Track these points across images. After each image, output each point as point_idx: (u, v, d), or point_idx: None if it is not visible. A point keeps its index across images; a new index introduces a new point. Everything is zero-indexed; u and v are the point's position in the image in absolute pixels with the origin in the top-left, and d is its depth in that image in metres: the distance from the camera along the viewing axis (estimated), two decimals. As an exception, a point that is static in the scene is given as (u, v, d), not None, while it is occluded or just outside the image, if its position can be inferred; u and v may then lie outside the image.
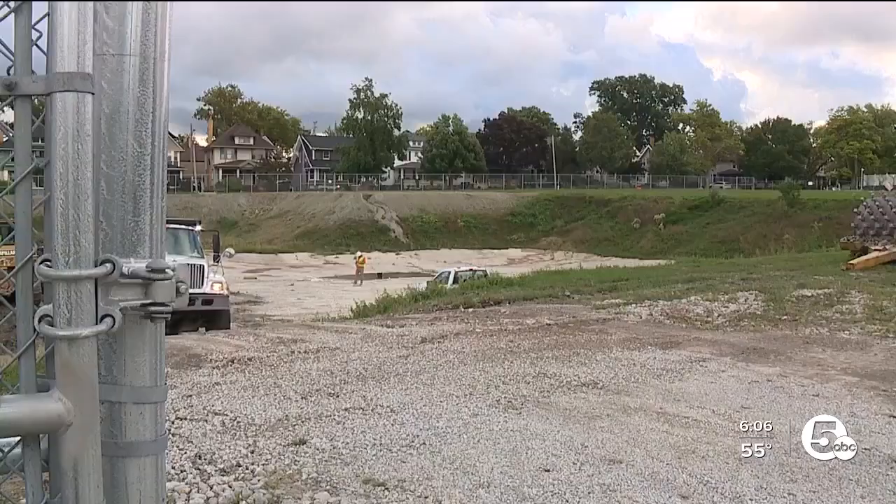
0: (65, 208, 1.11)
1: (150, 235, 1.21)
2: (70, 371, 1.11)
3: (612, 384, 5.92)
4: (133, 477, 1.21)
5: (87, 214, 1.12)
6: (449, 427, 4.74)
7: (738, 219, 53.04)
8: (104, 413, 1.18)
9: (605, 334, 8.33)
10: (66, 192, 1.11)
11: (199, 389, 5.86)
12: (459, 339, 8.05)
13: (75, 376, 1.12)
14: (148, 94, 1.21)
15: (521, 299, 12.05)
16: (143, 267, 1.17)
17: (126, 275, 1.15)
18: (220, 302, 14.00)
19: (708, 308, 10.00)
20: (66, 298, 1.11)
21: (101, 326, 1.12)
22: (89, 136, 1.13)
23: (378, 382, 6.03)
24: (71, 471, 1.13)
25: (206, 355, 7.39)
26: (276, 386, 5.96)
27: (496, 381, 6.03)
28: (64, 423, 1.11)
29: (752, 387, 5.81)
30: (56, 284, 1.11)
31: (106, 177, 1.19)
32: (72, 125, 1.11)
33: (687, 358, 6.92)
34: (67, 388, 1.11)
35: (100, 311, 1.14)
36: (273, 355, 7.35)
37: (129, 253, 1.19)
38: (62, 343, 1.11)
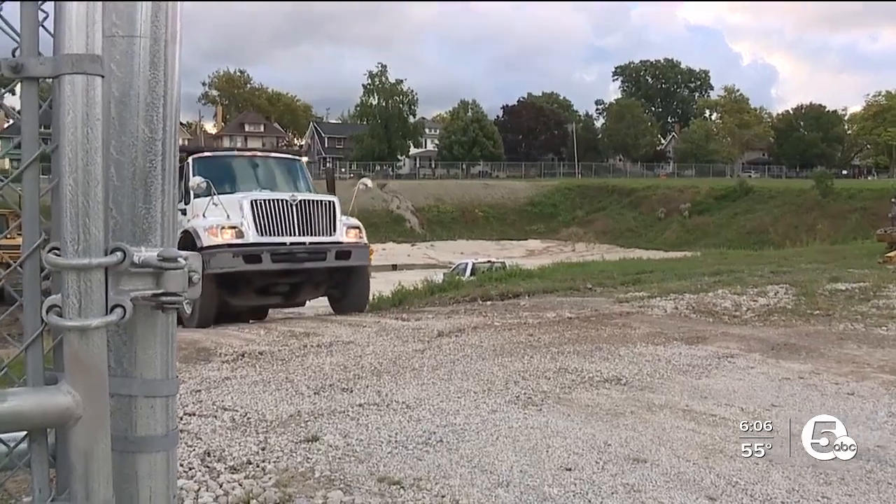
0: (74, 195, 1.11)
1: (161, 223, 1.21)
2: (79, 363, 1.12)
3: (635, 380, 5.89)
4: (144, 472, 1.22)
5: (97, 201, 1.12)
6: (467, 424, 4.74)
7: (767, 209, 52.55)
8: (114, 406, 1.19)
9: (628, 328, 8.29)
10: (75, 178, 1.11)
11: (208, 384, 5.89)
12: (477, 333, 8.04)
13: (85, 368, 1.12)
14: (159, 77, 1.21)
15: (540, 292, 12.01)
16: (155, 256, 1.17)
17: (137, 264, 1.16)
18: (358, 255, 10.98)
19: (736, 302, 9.91)
20: (75, 288, 1.11)
21: (112, 317, 1.13)
22: (99, 120, 1.13)
23: (393, 377, 6.05)
24: (80, 466, 1.13)
25: (216, 349, 7.44)
26: (287, 381, 5.99)
27: (515, 376, 6.02)
28: (73, 416, 1.12)
29: (783, 384, 5.75)
30: (65, 273, 1.11)
31: (116, 163, 1.20)
32: (81, 109, 1.11)
33: (714, 353, 6.87)
34: (76, 381, 1.12)
35: (110, 301, 1.14)
36: (284, 349, 7.38)
37: (140, 241, 1.19)
38: (71, 334, 1.11)
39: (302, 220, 10.47)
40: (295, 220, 10.42)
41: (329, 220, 10.73)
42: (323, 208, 10.72)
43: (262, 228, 10.28)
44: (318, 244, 10.59)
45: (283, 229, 10.35)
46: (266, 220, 10.29)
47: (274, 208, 10.35)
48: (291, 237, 10.39)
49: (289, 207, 10.47)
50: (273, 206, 10.36)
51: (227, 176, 11.51)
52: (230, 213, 10.23)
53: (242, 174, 11.86)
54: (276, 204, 10.41)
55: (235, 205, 10.32)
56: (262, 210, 10.32)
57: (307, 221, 10.51)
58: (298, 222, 10.44)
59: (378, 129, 77.22)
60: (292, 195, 10.63)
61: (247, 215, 10.23)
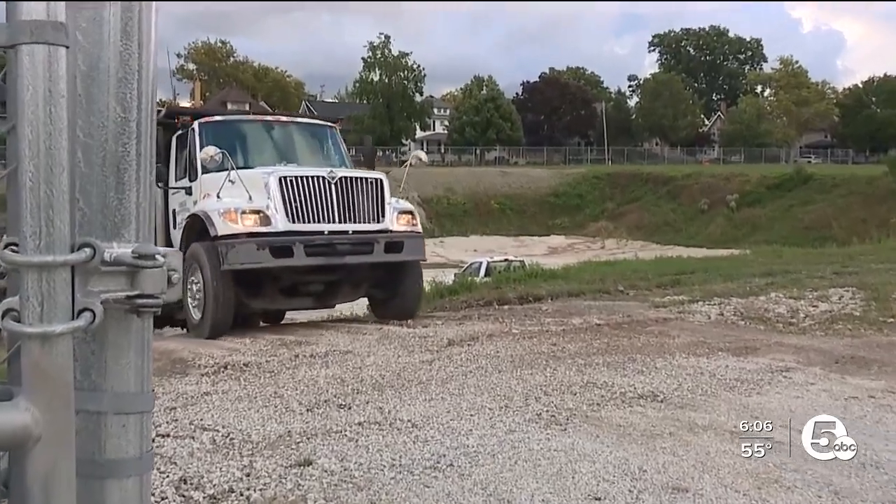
0: (35, 182, 1.10)
1: (136, 215, 1.21)
2: (40, 375, 1.11)
3: (674, 396, 5.87)
4: (113, 501, 1.22)
5: (62, 190, 1.12)
6: (481, 445, 4.74)
7: (829, 199, 52.23)
8: (79, 425, 1.18)
9: (666, 337, 8.26)
10: (36, 163, 1.10)
11: (185, 401, 5.91)
12: (493, 342, 8.04)
13: (46, 381, 1.12)
14: (132, 48, 1.21)
15: (565, 295, 11.98)
16: (129, 252, 1.17)
17: (108, 261, 1.16)
18: (412, 247, 10.04)
19: (792, 307, 9.86)
20: (36, 289, 1.11)
21: (79, 322, 1.12)
22: (63, 97, 1.12)
23: (397, 392, 6.05)
24: (39, 494, 1.12)
25: (194, 360, 7.47)
26: (276, 396, 6.01)
27: (536, 391, 6.01)
28: (31, 436, 1.11)
29: (850, 404, 5.71)
30: (25, 273, 1.11)
31: (83, 146, 1.19)
32: (42, 84, 1.10)
33: (766, 367, 6.84)
34: (37, 395, 1.11)
35: (77, 305, 1.14)
36: (273, 360, 7.40)
37: (112, 236, 1.19)
38: (32, 342, 1.11)
39: (343, 202, 9.50)
40: (334, 202, 9.44)
41: (376, 203, 9.74)
42: (368, 188, 9.70)
43: (294, 213, 9.29)
44: (364, 233, 9.63)
45: (319, 214, 9.38)
46: (298, 202, 9.31)
47: (308, 188, 9.36)
48: (330, 224, 9.41)
49: (327, 187, 9.44)
50: (307, 186, 9.36)
51: (243, 146, 10.83)
52: (252, 194, 9.28)
53: (261, 144, 11.13)
54: (311, 182, 9.39)
55: (259, 183, 9.38)
56: (293, 190, 9.33)
57: (349, 205, 9.54)
58: (339, 206, 9.46)
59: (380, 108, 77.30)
60: (330, 171, 9.62)
61: (274, 196, 9.26)
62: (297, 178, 9.39)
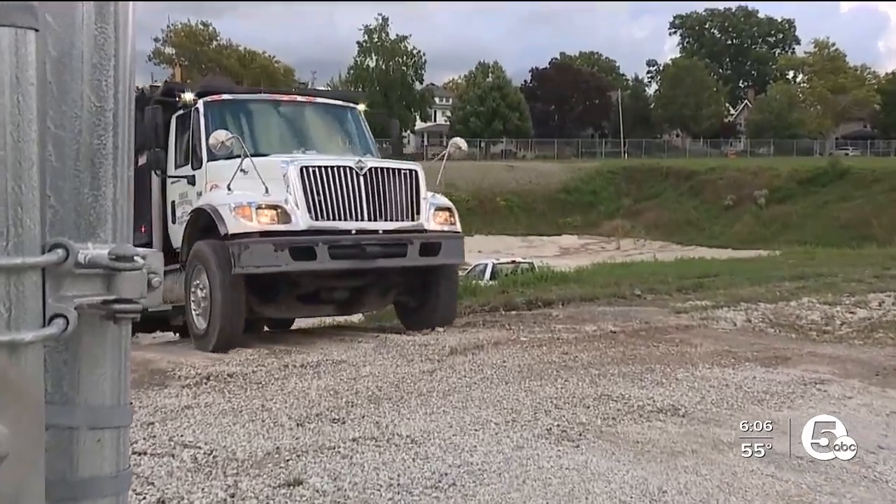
0: (1, 178, 1.10)
1: (112, 213, 1.21)
2: (8, 387, 1.11)
3: (697, 411, 5.86)
4: (88, 523, 1.21)
5: (32, 186, 1.12)
6: (486, 463, 4.74)
7: (868, 196, 52.20)
8: (50, 441, 1.18)
9: (687, 346, 8.26)
10: (2, 157, 1.10)
11: (163, 415, 5.91)
12: (499, 350, 8.04)
13: (14, 393, 1.12)
14: (108, 32, 1.21)
15: (577, 300, 11.98)
16: (105, 253, 1.17)
17: (83, 263, 1.16)
18: (450, 249, 9.73)
19: (827, 314, 9.86)
20: (3, 294, 1.10)
21: (51, 329, 1.12)
22: (32, 85, 1.12)
23: (395, 405, 6.05)
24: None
25: (174, 371, 7.47)
26: (264, 409, 6.01)
27: (546, 404, 6.01)
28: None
29: (892, 420, 5.69)
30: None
31: (55, 138, 1.19)
32: (9, 71, 1.10)
33: (798, 379, 6.83)
34: (3, 409, 1.11)
35: (48, 310, 1.14)
36: (260, 370, 7.41)
37: (87, 236, 1.19)
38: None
39: (373, 197, 9.13)
40: (363, 197, 9.07)
41: (410, 199, 9.39)
42: (402, 181, 9.36)
43: (317, 209, 8.91)
44: (396, 233, 9.30)
45: (346, 211, 9.01)
46: (322, 196, 8.93)
47: (333, 180, 8.99)
48: (358, 222, 9.06)
49: (354, 179, 9.05)
50: (332, 177, 8.99)
51: (254, 129, 10.44)
52: (269, 186, 8.86)
53: (276, 127, 10.77)
54: (337, 173, 9.03)
55: (277, 173, 8.99)
56: (316, 182, 8.93)
57: (380, 200, 9.18)
58: (368, 201, 9.10)
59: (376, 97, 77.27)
60: (358, 161, 9.21)
61: (295, 189, 8.86)
62: (321, 169, 9.00)
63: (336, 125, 11.27)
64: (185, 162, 10.27)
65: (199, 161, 9.92)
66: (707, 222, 56.86)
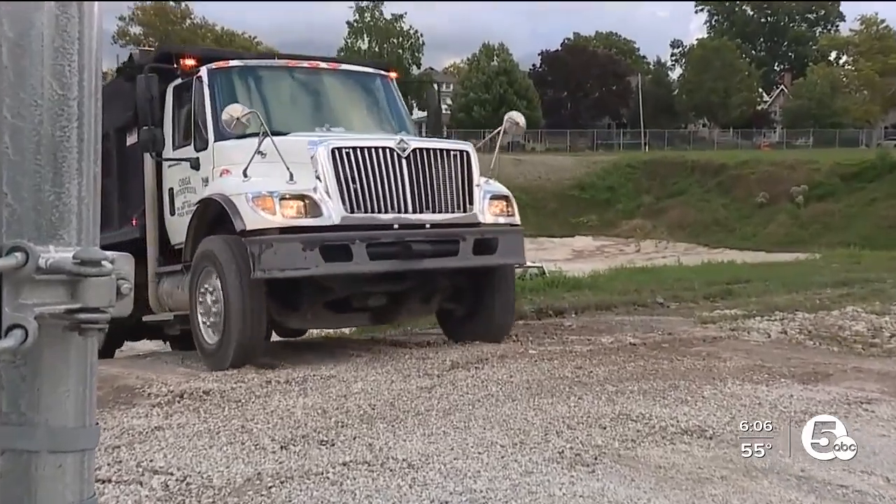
0: (-48, 173, 1.10)
1: (77, 212, 1.21)
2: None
3: (727, 433, 5.86)
4: (47, 558, 1.21)
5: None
6: (491, 490, 4.74)
7: (923, 192, 52.10)
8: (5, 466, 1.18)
9: (715, 360, 8.26)
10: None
11: (131, 437, 5.91)
12: (505, 364, 8.04)
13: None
14: (71, 11, 1.21)
15: (592, 308, 11.99)
16: (69, 257, 1.17)
17: (44, 268, 1.16)
18: (508, 247, 9.21)
19: (874, 324, 9.86)
20: (-44, 302, 1.11)
21: (7, 342, 1.12)
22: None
23: (390, 425, 6.05)
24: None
25: (143, 387, 7.46)
26: (244, 430, 6.01)
27: (558, 424, 6.01)
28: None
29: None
30: (-57, 282, 1.11)
31: (12, 129, 1.19)
32: (-38, 55, 1.11)
33: (842, 397, 6.83)
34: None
35: (5, 320, 1.14)
36: (240, 386, 7.40)
37: (49, 237, 1.19)
38: (-49, 365, 1.11)
39: (418, 184, 8.63)
40: (406, 184, 8.56)
41: (462, 185, 8.88)
42: (452, 164, 8.83)
43: (353, 199, 8.39)
44: (446, 227, 8.81)
45: (387, 201, 8.51)
46: (359, 183, 8.41)
47: (372, 164, 8.47)
48: (401, 214, 8.56)
49: (396, 162, 8.54)
50: (370, 161, 8.48)
51: (271, 102, 9.83)
52: (294, 172, 8.29)
53: (296, 100, 10.28)
54: (376, 156, 8.51)
55: (303, 155, 8.45)
56: (351, 166, 8.41)
57: (427, 187, 8.67)
58: (413, 189, 8.59)
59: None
60: (400, 140, 8.68)
61: (326, 175, 8.33)
62: (357, 151, 8.47)
63: (366, 97, 10.73)
64: (186, 141, 9.73)
65: (203, 141, 9.40)
66: (738, 222, 56.71)
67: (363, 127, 10.04)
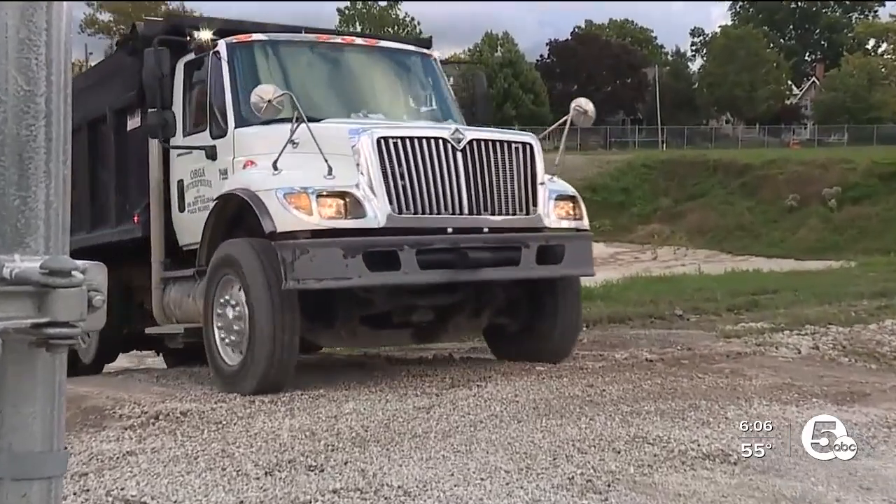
0: None
1: (45, 219, 1.21)
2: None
3: (753, 458, 5.86)
4: None
5: (-54, 186, 1.12)
6: (495, 521, 4.74)
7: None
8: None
9: (740, 378, 8.26)
10: None
11: (100, 463, 5.89)
12: (510, 382, 8.04)
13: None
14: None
15: (605, 321, 11.99)
16: (36, 267, 1.17)
17: (8, 279, 1.16)
18: (576, 255, 8.83)
19: (915, 339, 9.87)
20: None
21: (-31, 359, 1.13)
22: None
23: (385, 449, 6.05)
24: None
25: (114, 408, 7.46)
26: (225, 455, 6.00)
27: (568, 448, 6.01)
28: None
29: None
30: None
31: (-27, 128, 1.19)
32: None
33: (881, 420, 6.82)
34: None
35: (-34, 336, 1.14)
36: (221, 406, 7.40)
37: (13, 245, 1.19)
38: None
39: (475, 181, 8.20)
40: (462, 181, 8.12)
41: (525, 184, 8.46)
42: (513, 158, 8.41)
43: (401, 197, 7.95)
44: (506, 232, 8.41)
45: (440, 200, 8.07)
46: (409, 179, 7.99)
47: (423, 156, 8.04)
48: (455, 216, 8.14)
49: (451, 155, 8.10)
50: (421, 153, 8.04)
51: (296, 83, 9.07)
52: (334, 165, 7.82)
53: (328, 81, 9.81)
54: (427, 147, 8.07)
55: (342, 146, 8.00)
56: (399, 159, 7.99)
57: (485, 185, 8.24)
58: (469, 186, 8.15)
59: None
60: (455, 130, 8.29)
61: (370, 169, 7.88)
62: (406, 142, 8.04)
63: (407, 79, 10.36)
64: (199, 127, 9.25)
65: (221, 126, 8.91)
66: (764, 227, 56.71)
67: (405, 114, 9.70)
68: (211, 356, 8.36)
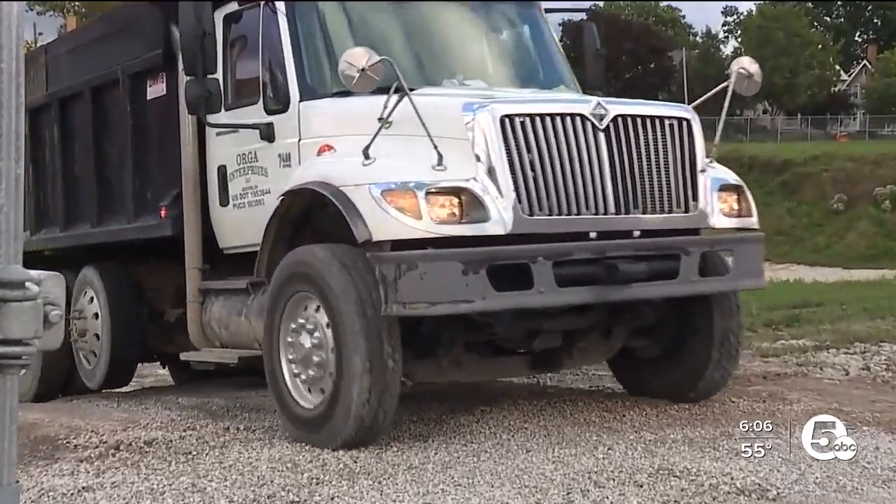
0: None
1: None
2: None
3: (794, 493, 5.87)
4: None
5: None
6: (501, 565, 4.75)
7: None
8: None
9: (779, 402, 8.26)
10: None
11: (51, 501, 5.90)
12: (518, 406, 8.05)
13: None
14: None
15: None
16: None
17: (-46, 292, 1.15)
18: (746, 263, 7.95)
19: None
20: None
21: None
22: None
23: (376, 482, 6.06)
24: None
25: (68, 438, 7.46)
26: (195, 490, 6.01)
27: (583, 480, 6.02)
28: None
29: None
30: None
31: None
32: None
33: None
34: None
35: None
36: (191, 435, 7.41)
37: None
38: None
39: (622, 170, 7.24)
40: (607, 170, 7.18)
41: (682, 171, 7.52)
42: (667, 138, 7.48)
43: (533, 195, 6.95)
44: (660, 235, 7.57)
45: (580, 196, 7.10)
46: (542, 170, 7.00)
47: (557, 139, 7.05)
48: (600, 216, 7.19)
49: (592, 137, 7.14)
50: (555, 135, 7.06)
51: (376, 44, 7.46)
52: (443, 151, 6.81)
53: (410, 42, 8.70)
54: (563, 127, 7.08)
55: (453, 125, 7.04)
56: (528, 143, 7.00)
57: (633, 175, 7.30)
58: (615, 177, 7.21)
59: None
60: (597, 104, 7.30)
61: (493, 156, 6.90)
62: (536, 120, 7.06)
63: (508, 35, 9.59)
64: (246, 99, 8.41)
65: (281, 99, 8.01)
66: (807, 231, 56.77)
67: (510, 80, 8.82)
68: (279, 396, 7.40)
